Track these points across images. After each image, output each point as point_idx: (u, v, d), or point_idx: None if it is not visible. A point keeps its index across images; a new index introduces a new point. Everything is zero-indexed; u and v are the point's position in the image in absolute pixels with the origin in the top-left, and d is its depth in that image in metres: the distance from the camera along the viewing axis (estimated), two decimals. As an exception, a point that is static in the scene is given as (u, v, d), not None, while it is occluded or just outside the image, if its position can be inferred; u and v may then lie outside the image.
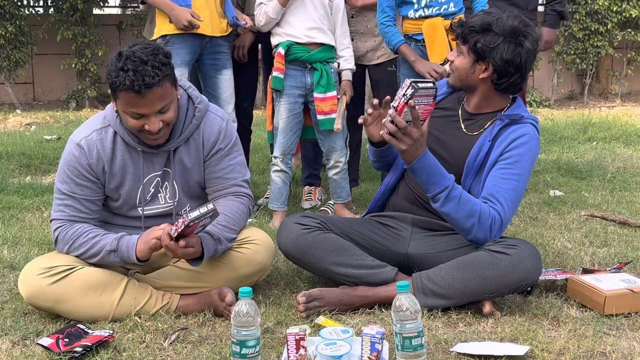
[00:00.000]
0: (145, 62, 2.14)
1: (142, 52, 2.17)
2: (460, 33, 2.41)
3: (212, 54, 3.62)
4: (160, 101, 2.19)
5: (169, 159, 2.38)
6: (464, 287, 2.24)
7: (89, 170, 2.32)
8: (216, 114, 2.46)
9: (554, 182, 4.48)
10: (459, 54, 2.44)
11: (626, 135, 6.26)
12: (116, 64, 2.16)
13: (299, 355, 1.86)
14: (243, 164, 2.51)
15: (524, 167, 2.36)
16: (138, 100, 2.16)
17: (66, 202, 2.32)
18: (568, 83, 11.17)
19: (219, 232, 2.29)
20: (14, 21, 9.08)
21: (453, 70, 2.47)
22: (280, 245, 2.48)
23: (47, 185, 4.33)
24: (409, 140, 2.18)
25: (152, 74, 2.14)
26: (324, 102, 3.55)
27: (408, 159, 2.23)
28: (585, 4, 10.00)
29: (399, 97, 2.15)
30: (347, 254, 2.37)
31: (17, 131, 6.78)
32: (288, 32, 3.55)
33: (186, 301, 2.30)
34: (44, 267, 2.21)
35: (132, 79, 2.12)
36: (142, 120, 2.21)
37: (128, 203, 2.39)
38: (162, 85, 2.17)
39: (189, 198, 2.46)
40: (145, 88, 2.13)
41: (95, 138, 2.33)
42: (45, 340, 2.02)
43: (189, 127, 2.37)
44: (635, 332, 2.13)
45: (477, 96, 2.48)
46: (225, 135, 2.44)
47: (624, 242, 3.09)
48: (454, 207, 2.25)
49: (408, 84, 2.14)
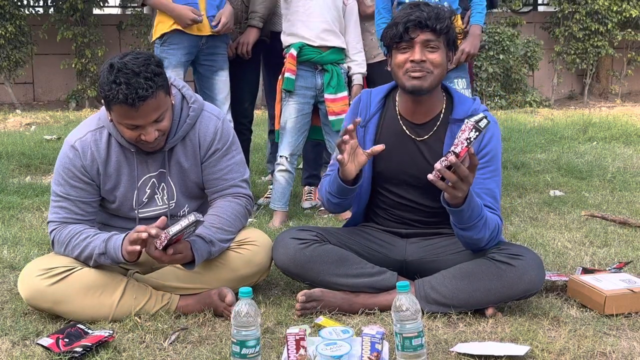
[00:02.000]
0: (138, 74, 2.11)
1: (133, 64, 2.13)
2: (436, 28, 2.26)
3: (209, 55, 3.62)
4: (155, 112, 2.18)
5: (165, 159, 2.37)
6: (467, 298, 2.23)
7: (83, 172, 2.31)
8: (212, 113, 2.45)
9: (554, 182, 4.47)
10: (433, 51, 2.28)
11: (626, 135, 6.26)
12: (108, 76, 2.12)
13: (299, 355, 1.86)
14: (242, 163, 2.50)
15: (498, 158, 2.37)
16: (132, 112, 2.14)
17: (61, 204, 2.32)
18: (568, 83, 11.17)
19: (212, 234, 2.29)
20: (14, 21, 9.08)
21: (430, 70, 2.28)
22: (277, 262, 2.40)
23: (47, 185, 4.33)
24: (466, 187, 2.04)
25: (145, 86, 2.10)
26: (334, 102, 3.58)
27: (457, 202, 2.10)
28: (585, 4, 10.00)
29: (460, 142, 1.95)
30: (347, 264, 2.34)
31: (17, 131, 6.78)
32: (301, 33, 3.56)
33: (186, 301, 2.30)
34: (43, 268, 2.21)
35: (126, 92, 2.09)
36: (138, 130, 2.20)
37: (125, 205, 2.39)
38: (156, 96, 2.15)
39: (187, 199, 2.45)
40: (139, 101, 2.11)
41: (90, 139, 2.32)
42: (45, 340, 2.02)
43: (183, 127, 2.36)
44: (635, 332, 2.13)
45: (434, 95, 2.37)
46: (222, 135, 2.43)
47: (624, 242, 3.09)
48: (483, 229, 2.21)
49: (471, 126, 1.95)
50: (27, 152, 5.23)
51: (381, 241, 2.49)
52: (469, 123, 1.96)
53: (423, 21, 2.25)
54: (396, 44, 2.30)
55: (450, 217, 2.21)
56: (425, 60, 2.27)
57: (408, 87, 2.31)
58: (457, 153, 1.96)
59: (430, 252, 2.43)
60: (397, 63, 2.32)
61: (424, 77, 2.28)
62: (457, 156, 1.96)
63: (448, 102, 2.41)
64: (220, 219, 2.35)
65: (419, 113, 2.39)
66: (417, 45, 2.27)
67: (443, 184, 2.03)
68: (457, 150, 1.96)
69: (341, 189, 2.31)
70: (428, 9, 2.28)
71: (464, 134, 1.96)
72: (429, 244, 2.45)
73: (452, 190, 2.04)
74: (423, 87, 2.29)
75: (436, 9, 2.30)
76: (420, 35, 2.27)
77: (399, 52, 2.31)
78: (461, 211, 2.13)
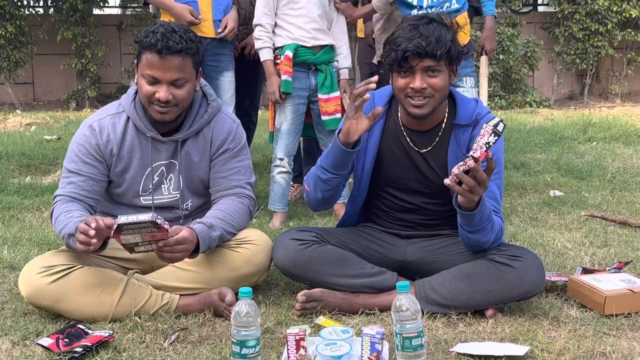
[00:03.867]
0: (176, 31, 2.26)
1: (175, 25, 2.31)
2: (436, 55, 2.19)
3: (214, 55, 3.62)
4: (177, 72, 2.26)
5: (176, 150, 2.41)
6: (467, 299, 2.23)
7: (96, 150, 2.37)
8: (228, 116, 2.52)
9: (554, 182, 4.47)
10: (435, 75, 2.23)
11: (626, 135, 6.25)
12: (149, 28, 2.28)
13: (299, 355, 1.86)
14: (249, 168, 2.53)
15: (501, 161, 2.37)
16: (157, 61, 2.24)
17: (71, 179, 2.36)
18: (568, 83, 11.17)
19: (213, 221, 2.30)
20: (14, 21, 9.09)
21: (431, 94, 2.25)
22: (277, 263, 2.40)
23: (47, 186, 4.33)
24: (482, 191, 2.04)
25: (178, 40, 2.24)
26: (327, 102, 3.57)
27: (471, 206, 2.11)
28: (585, 4, 10.01)
29: (479, 146, 1.95)
30: (347, 264, 2.34)
31: (17, 131, 6.78)
32: (294, 34, 3.53)
33: (186, 301, 2.30)
34: (43, 266, 2.22)
35: (158, 38, 2.22)
36: (155, 87, 2.27)
37: (132, 189, 2.42)
38: (183, 57, 2.26)
39: (192, 193, 2.48)
40: (167, 50, 2.23)
41: (108, 122, 2.40)
42: (45, 340, 2.02)
43: (199, 122, 2.42)
44: (635, 332, 2.13)
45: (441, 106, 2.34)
46: (235, 137, 2.48)
47: (624, 242, 3.09)
48: (490, 231, 2.22)
49: (490, 131, 1.95)
50: (27, 152, 5.22)
51: (381, 241, 2.49)
52: (488, 127, 1.96)
53: (422, 51, 2.18)
54: (397, 68, 2.26)
55: (459, 220, 2.21)
56: (426, 87, 2.23)
57: (410, 113, 2.30)
58: (476, 158, 1.96)
59: (431, 252, 2.43)
60: (397, 87, 2.28)
61: (425, 104, 2.26)
62: (476, 160, 1.96)
63: (451, 107, 2.39)
64: (223, 213, 2.36)
65: (421, 123, 2.38)
66: (417, 72, 2.22)
67: (460, 188, 2.03)
68: (476, 154, 1.96)
69: (339, 155, 2.27)
70: (428, 31, 2.20)
71: (483, 139, 1.95)
72: (429, 244, 2.45)
73: (469, 195, 2.04)
74: (425, 114, 2.28)
75: (437, 31, 2.21)
76: (420, 63, 2.21)
77: (399, 76, 2.27)
78: (473, 215, 2.13)
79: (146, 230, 2.06)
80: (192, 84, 2.34)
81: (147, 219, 2.04)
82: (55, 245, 2.99)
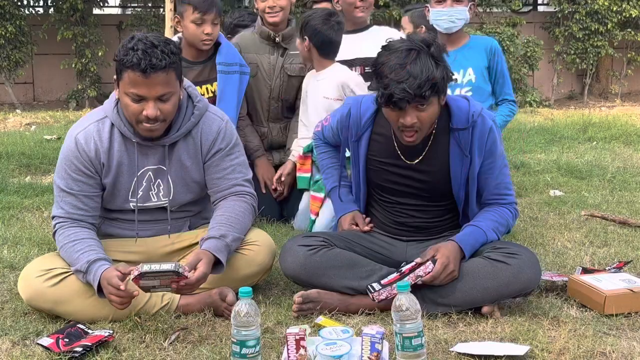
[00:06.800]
0: (156, 46, 2.18)
1: (154, 38, 2.22)
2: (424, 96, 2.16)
3: None
4: (162, 87, 2.20)
5: (165, 155, 2.38)
6: (464, 297, 2.24)
7: (85, 164, 2.32)
8: (215, 114, 2.46)
9: (554, 182, 4.47)
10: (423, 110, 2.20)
11: (626, 135, 6.25)
12: (127, 44, 2.20)
13: (299, 355, 1.86)
14: (245, 164, 2.51)
15: (502, 149, 2.43)
16: (141, 80, 2.17)
17: (65, 199, 2.33)
18: (568, 83, 11.16)
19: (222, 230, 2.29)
20: (14, 21, 9.07)
21: (420, 128, 2.24)
22: (286, 271, 2.40)
23: (47, 185, 4.33)
24: (451, 277, 2.25)
25: (161, 57, 2.17)
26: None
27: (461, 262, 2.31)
28: (585, 4, 10.00)
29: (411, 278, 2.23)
30: (357, 266, 2.36)
31: (17, 131, 6.77)
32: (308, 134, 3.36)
33: (186, 301, 2.29)
34: (43, 269, 2.22)
35: (140, 57, 2.15)
36: (142, 104, 2.21)
37: (121, 195, 2.39)
38: (167, 72, 2.19)
39: (185, 196, 2.45)
40: (151, 68, 2.15)
41: (93, 130, 2.34)
42: (45, 340, 2.02)
43: (186, 124, 2.37)
44: (635, 332, 2.13)
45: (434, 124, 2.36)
46: (225, 135, 2.44)
47: (624, 242, 3.09)
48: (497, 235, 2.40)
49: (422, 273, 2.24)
50: (27, 152, 5.22)
51: (383, 242, 2.51)
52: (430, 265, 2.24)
53: (410, 97, 2.14)
54: (385, 105, 2.23)
55: None
56: (416, 121, 2.22)
57: (402, 142, 2.33)
58: None
59: (431, 252, 2.44)
60: (388, 117, 2.29)
61: (417, 135, 2.27)
62: None
63: (443, 112, 2.35)
64: (229, 217, 2.35)
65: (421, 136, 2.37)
66: (407, 109, 2.19)
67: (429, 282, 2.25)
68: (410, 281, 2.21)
69: None
70: (416, 71, 2.14)
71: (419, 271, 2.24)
72: (429, 244, 2.45)
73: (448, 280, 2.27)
74: (416, 143, 2.32)
75: (426, 69, 2.15)
76: (408, 105, 2.18)
77: (389, 109, 2.24)
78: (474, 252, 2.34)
79: (166, 277, 2.08)
80: (177, 95, 2.29)
81: (170, 268, 2.06)
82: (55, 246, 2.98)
